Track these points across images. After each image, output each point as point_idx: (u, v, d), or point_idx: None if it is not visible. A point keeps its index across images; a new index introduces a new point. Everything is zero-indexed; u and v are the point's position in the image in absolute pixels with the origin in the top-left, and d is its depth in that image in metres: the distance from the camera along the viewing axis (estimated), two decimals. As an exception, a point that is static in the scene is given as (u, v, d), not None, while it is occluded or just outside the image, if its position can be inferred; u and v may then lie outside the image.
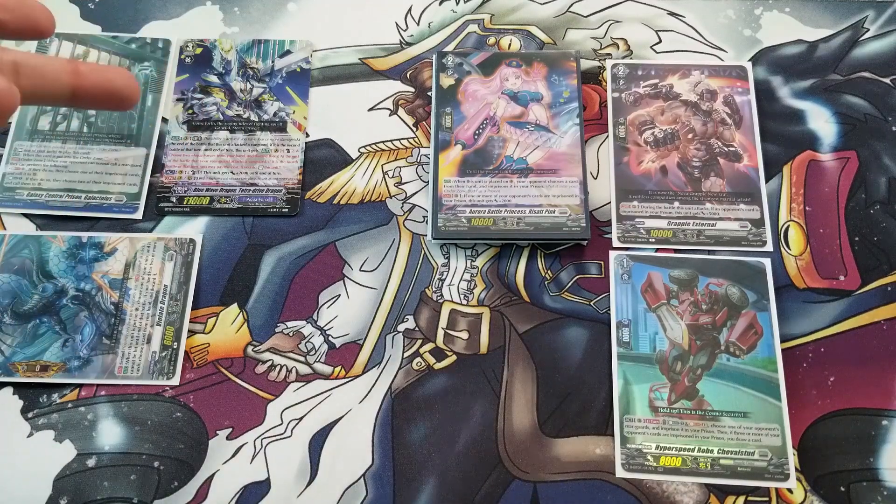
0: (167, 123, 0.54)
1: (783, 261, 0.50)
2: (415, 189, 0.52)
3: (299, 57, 0.57)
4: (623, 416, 0.45)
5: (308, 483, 0.44)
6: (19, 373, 0.46)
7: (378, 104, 0.55)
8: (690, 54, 0.57)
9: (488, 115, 0.53)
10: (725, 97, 0.55)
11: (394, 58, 0.57)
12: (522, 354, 0.47)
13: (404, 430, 0.45)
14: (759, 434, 0.44)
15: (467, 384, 0.46)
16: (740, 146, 0.53)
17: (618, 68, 0.56)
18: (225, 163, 0.53)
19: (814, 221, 0.51)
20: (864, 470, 0.44)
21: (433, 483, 0.44)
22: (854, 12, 0.58)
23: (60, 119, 0.54)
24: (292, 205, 0.52)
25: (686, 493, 0.44)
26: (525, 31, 0.58)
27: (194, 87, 0.56)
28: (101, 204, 0.51)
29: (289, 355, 0.47)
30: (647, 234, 0.50)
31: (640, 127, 0.54)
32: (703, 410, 0.45)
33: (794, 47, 0.57)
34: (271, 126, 0.54)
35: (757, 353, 0.47)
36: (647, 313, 0.48)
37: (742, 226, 0.51)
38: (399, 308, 0.49)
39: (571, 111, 0.53)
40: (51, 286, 0.49)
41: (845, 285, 0.49)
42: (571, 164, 0.51)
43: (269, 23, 0.58)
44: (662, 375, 0.46)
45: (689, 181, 0.52)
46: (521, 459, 0.44)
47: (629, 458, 0.44)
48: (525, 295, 0.49)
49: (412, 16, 0.59)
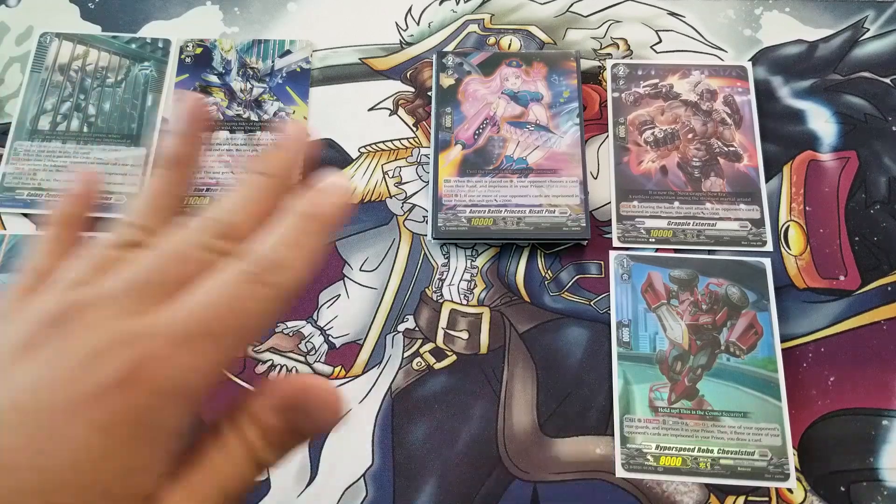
0: (167, 123, 0.54)
1: (783, 261, 0.50)
2: (415, 189, 0.52)
3: (299, 57, 0.57)
4: (623, 416, 0.45)
5: (308, 483, 0.44)
6: (19, 373, 0.46)
7: (378, 104, 0.55)
8: (690, 54, 0.57)
9: (488, 115, 0.53)
10: (725, 97, 0.55)
11: (394, 58, 0.57)
12: (522, 354, 0.47)
13: (404, 429, 0.45)
14: (759, 434, 0.44)
15: (467, 384, 0.46)
16: (740, 146, 0.53)
17: (618, 68, 0.56)
18: (225, 163, 0.53)
19: (814, 221, 0.51)
20: (864, 470, 0.44)
21: (433, 483, 0.44)
22: (854, 12, 0.58)
23: (60, 119, 0.54)
24: (292, 205, 0.52)
25: (686, 493, 0.44)
26: (525, 31, 0.58)
27: (194, 87, 0.56)
28: (101, 204, 0.51)
29: (289, 355, 0.47)
30: (647, 234, 0.50)
31: (640, 127, 0.54)
32: (703, 410, 0.45)
33: (794, 47, 0.57)
34: (271, 126, 0.54)
35: (757, 353, 0.47)
36: (647, 313, 0.48)
37: (742, 226, 0.51)
38: (399, 308, 0.49)
39: (571, 111, 0.53)
40: (51, 286, 0.49)
41: (845, 285, 0.49)
42: (571, 164, 0.51)
43: (269, 23, 0.58)
44: (662, 375, 0.46)
45: (689, 181, 0.52)
46: (521, 459, 0.44)
47: (629, 458, 0.44)
48: (525, 295, 0.49)
49: (412, 16, 0.58)
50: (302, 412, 0.26)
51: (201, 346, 0.23)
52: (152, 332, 0.23)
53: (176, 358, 0.23)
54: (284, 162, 0.30)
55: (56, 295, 0.26)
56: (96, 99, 0.55)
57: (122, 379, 0.22)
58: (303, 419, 0.26)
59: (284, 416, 0.26)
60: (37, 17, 0.58)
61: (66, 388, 0.22)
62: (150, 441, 0.23)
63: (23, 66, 0.56)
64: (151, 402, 0.22)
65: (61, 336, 0.24)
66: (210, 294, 0.24)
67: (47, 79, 0.55)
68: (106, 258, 0.27)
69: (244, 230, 0.27)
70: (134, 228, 0.28)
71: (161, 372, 0.23)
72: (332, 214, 0.27)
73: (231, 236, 0.27)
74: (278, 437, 0.26)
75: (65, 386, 0.22)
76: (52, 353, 0.23)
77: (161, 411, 0.23)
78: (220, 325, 0.24)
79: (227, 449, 0.25)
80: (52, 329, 0.24)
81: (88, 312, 0.24)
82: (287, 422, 0.26)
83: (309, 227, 0.27)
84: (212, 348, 0.24)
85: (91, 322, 0.24)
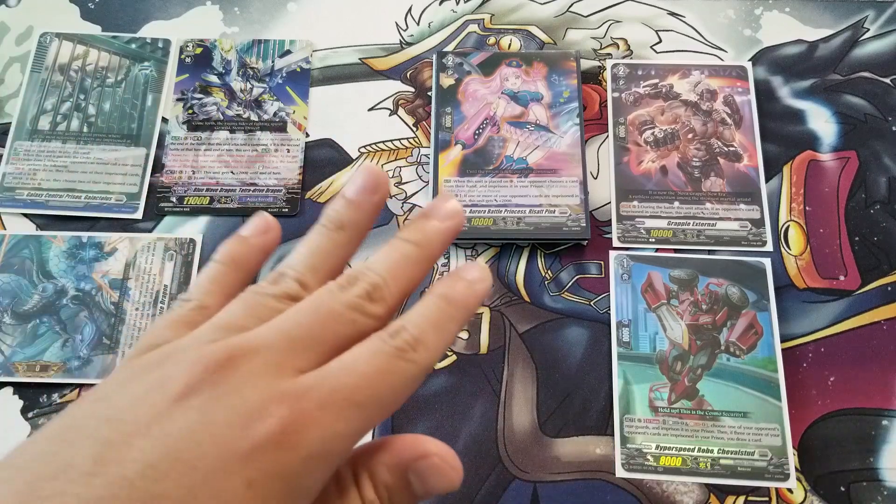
0: (167, 123, 0.54)
1: (783, 261, 0.50)
2: (415, 189, 0.52)
3: (299, 57, 0.57)
4: (623, 416, 0.45)
5: (308, 483, 0.44)
6: (19, 373, 0.46)
7: (378, 104, 0.55)
8: (690, 54, 0.57)
9: (488, 115, 0.53)
10: (725, 97, 0.55)
11: (394, 58, 0.57)
12: (522, 354, 0.47)
13: (404, 429, 0.45)
14: (759, 434, 0.44)
15: (467, 384, 0.46)
16: (740, 146, 0.53)
17: (618, 68, 0.56)
18: (225, 163, 0.53)
19: (814, 221, 0.51)
20: (864, 470, 0.44)
21: (433, 483, 0.44)
22: (854, 12, 0.58)
23: (60, 119, 0.54)
24: (292, 205, 0.52)
25: (686, 493, 0.44)
26: (525, 31, 0.58)
27: (194, 87, 0.56)
28: (101, 204, 0.51)
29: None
30: (647, 234, 0.50)
31: (640, 127, 0.54)
32: (703, 410, 0.45)
33: (794, 47, 0.57)
34: (271, 126, 0.54)
35: (757, 353, 0.47)
36: (647, 313, 0.48)
37: (742, 226, 0.51)
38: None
39: (571, 111, 0.53)
40: (51, 286, 0.49)
41: (845, 285, 0.49)
42: (571, 164, 0.51)
43: (269, 23, 0.58)
44: (662, 375, 0.46)
45: (689, 181, 0.52)
46: (521, 459, 0.44)
47: (629, 458, 0.44)
48: (525, 295, 0.49)
49: (412, 16, 0.58)
50: (418, 476, 0.26)
51: (348, 413, 0.24)
52: (306, 395, 0.24)
53: (325, 422, 0.23)
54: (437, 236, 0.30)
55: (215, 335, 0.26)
56: (96, 99, 0.55)
57: (277, 440, 0.23)
58: (417, 483, 0.27)
59: (400, 476, 0.26)
60: (37, 17, 0.58)
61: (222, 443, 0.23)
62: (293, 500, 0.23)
63: (23, 66, 0.56)
64: (300, 464, 0.23)
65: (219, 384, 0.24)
66: (358, 362, 0.25)
67: (47, 79, 0.55)
68: (265, 307, 0.27)
69: (392, 297, 0.28)
70: (293, 282, 0.28)
71: (312, 435, 0.23)
72: (474, 306, 0.28)
73: (380, 300, 0.28)
74: (393, 495, 0.26)
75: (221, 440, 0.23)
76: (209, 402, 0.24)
77: (307, 473, 0.23)
78: (365, 395, 0.24)
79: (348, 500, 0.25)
80: (211, 376, 0.24)
81: (246, 362, 0.25)
82: (403, 483, 0.26)
83: (454, 313, 0.28)
84: (356, 416, 0.24)
85: (248, 373, 0.24)
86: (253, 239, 0.32)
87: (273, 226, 0.32)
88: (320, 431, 0.23)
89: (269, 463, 0.23)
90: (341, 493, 0.26)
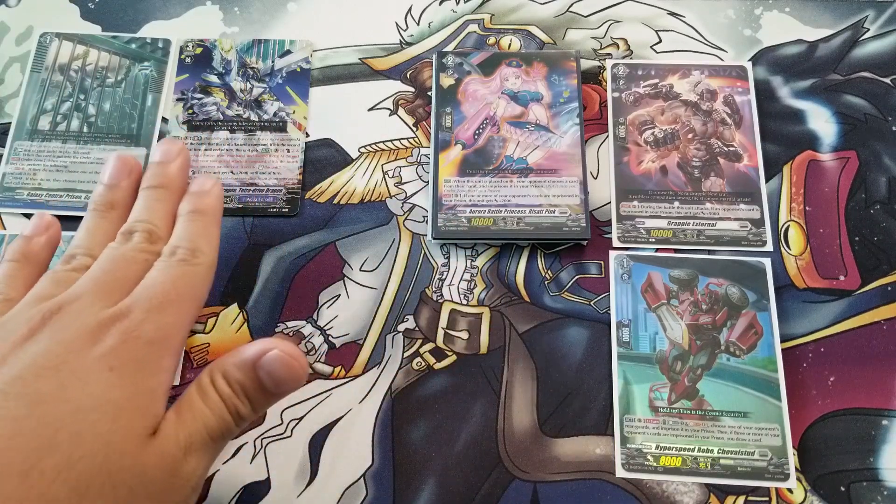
0: (167, 123, 0.54)
1: (783, 261, 0.50)
2: (415, 189, 0.52)
3: (299, 57, 0.57)
4: (623, 415, 0.45)
5: (308, 483, 0.44)
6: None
7: (378, 104, 0.55)
8: (690, 54, 0.57)
9: (488, 115, 0.53)
10: (725, 97, 0.55)
11: (394, 58, 0.57)
12: (522, 354, 0.47)
13: (404, 430, 0.45)
14: (759, 434, 0.44)
15: (467, 384, 0.46)
16: (740, 146, 0.53)
17: (618, 68, 0.56)
18: (225, 163, 0.53)
19: (814, 221, 0.51)
20: (864, 470, 0.44)
21: (433, 483, 0.44)
22: (854, 12, 0.58)
23: (60, 119, 0.54)
24: (292, 205, 0.52)
25: (686, 493, 0.44)
26: (525, 31, 0.58)
27: (194, 87, 0.56)
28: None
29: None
30: (647, 234, 0.50)
31: (640, 127, 0.54)
32: (703, 410, 0.45)
33: (794, 47, 0.57)
34: (271, 126, 0.54)
35: (757, 352, 0.47)
36: (647, 313, 0.48)
37: (742, 226, 0.51)
38: (399, 308, 0.49)
39: (571, 111, 0.53)
40: (51, 286, 0.49)
41: (845, 285, 0.49)
42: (571, 164, 0.51)
43: (269, 23, 0.58)
44: (662, 375, 0.46)
45: (689, 181, 0.52)
46: (521, 459, 0.44)
47: (629, 458, 0.44)
48: (525, 295, 0.49)
49: (412, 16, 0.59)
50: (265, 371, 0.33)
51: (168, 308, 0.32)
52: (129, 309, 0.32)
53: (153, 318, 0.32)
54: (176, 172, 0.40)
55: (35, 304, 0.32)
56: (96, 99, 0.55)
57: (122, 340, 0.30)
58: (266, 378, 0.33)
59: (251, 374, 0.33)
60: (37, 17, 0.58)
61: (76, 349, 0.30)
62: (151, 373, 0.31)
63: (23, 66, 0.56)
64: (146, 348, 0.31)
65: (57, 322, 0.30)
66: (157, 279, 0.33)
67: (47, 79, 0.55)
68: (67, 279, 0.34)
69: (165, 232, 0.37)
70: (84, 257, 0.36)
71: (147, 327, 0.31)
72: (221, 206, 0.39)
73: (158, 240, 0.36)
74: (248, 391, 0.33)
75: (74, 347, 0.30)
76: (54, 332, 0.30)
77: (155, 354, 0.31)
78: (174, 294, 0.33)
79: (207, 396, 0.32)
80: (49, 319, 0.31)
81: (74, 304, 0.31)
82: (253, 379, 0.33)
83: (210, 219, 0.37)
84: (175, 310, 0.33)
85: (79, 310, 0.31)
86: (36, 237, 0.39)
87: (52, 222, 0.41)
88: (152, 324, 0.31)
89: (123, 352, 0.30)
90: (202, 394, 0.32)
